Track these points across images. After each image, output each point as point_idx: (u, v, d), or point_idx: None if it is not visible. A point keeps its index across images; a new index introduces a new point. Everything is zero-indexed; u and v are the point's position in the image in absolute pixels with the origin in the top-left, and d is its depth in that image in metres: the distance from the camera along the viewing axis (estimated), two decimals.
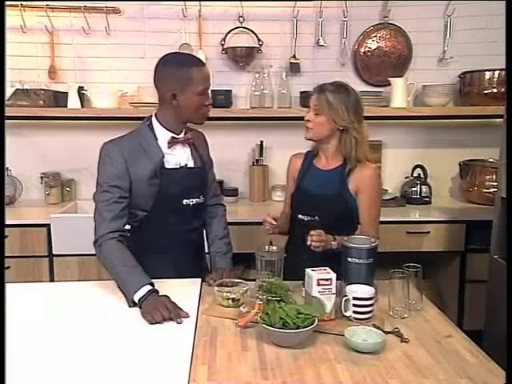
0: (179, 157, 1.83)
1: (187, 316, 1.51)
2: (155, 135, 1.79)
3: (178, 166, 1.82)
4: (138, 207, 1.79)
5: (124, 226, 1.74)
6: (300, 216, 1.93)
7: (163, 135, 1.79)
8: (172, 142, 1.80)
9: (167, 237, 1.84)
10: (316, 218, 1.87)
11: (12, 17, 2.96)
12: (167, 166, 1.79)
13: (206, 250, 2.04)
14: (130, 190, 1.75)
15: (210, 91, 1.81)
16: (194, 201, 1.86)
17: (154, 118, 1.81)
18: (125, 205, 1.74)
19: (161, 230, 1.82)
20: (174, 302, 1.54)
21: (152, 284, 1.60)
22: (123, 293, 1.63)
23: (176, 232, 1.85)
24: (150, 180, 1.75)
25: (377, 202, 1.91)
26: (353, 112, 1.84)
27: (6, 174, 3.01)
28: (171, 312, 1.49)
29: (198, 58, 1.81)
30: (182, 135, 1.82)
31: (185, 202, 1.83)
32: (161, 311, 1.48)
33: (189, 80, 1.69)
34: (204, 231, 2.02)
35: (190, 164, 1.86)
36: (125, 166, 1.72)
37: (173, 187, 1.79)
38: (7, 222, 2.56)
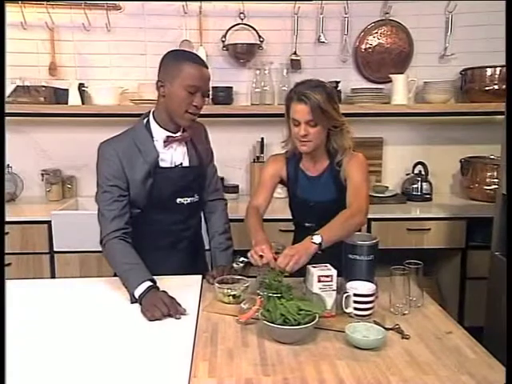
0: (175, 156, 1.81)
1: (185, 312, 1.51)
2: (151, 134, 1.77)
3: (173, 165, 1.81)
4: (132, 204, 1.78)
5: (126, 223, 1.73)
6: (307, 224, 1.89)
7: (159, 134, 1.77)
8: (168, 141, 1.78)
9: (160, 234, 1.84)
10: (324, 222, 1.71)
11: (12, 13, 2.95)
12: (162, 164, 1.78)
13: (207, 247, 2.03)
14: (128, 188, 1.75)
15: (205, 95, 1.74)
16: (189, 200, 1.85)
17: (151, 117, 1.80)
18: (125, 202, 1.74)
19: (154, 228, 1.83)
20: (172, 297, 1.54)
21: (152, 280, 1.60)
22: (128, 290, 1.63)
23: (169, 230, 1.85)
24: (145, 180, 1.75)
25: (364, 174, 1.79)
26: (338, 106, 1.78)
27: (6, 170, 3.01)
28: (170, 308, 1.49)
29: (202, 60, 1.75)
30: (179, 133, 1.80)
31: (178, 200, 1.82)
32: (159, 308, 1.48)
33: (178, 72, 1.67)
34: (202, 228, 2.01)
35: (186, 163, 1.84)
36: (121, 167, 1.72)
37: (166, 186, 1.78)
38: (8, 218, 2.56)
